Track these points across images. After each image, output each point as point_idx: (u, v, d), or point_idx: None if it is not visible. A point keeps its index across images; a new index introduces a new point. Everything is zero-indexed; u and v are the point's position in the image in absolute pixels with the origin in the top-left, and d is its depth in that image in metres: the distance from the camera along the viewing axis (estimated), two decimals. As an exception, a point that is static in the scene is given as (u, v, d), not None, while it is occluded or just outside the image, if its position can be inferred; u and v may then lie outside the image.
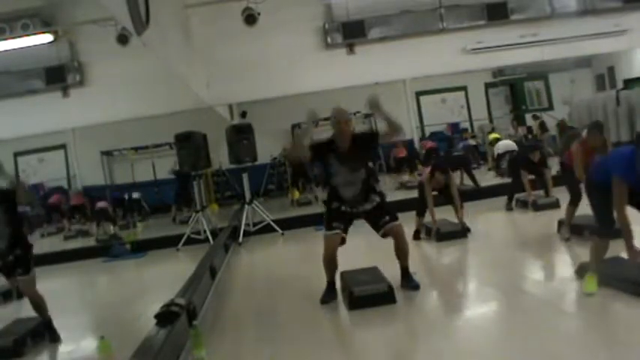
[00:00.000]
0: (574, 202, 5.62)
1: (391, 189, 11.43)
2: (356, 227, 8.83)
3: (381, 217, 4.55)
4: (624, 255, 4.34)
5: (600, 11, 11.08)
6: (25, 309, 4.95)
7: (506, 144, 11.47)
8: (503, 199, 8.38)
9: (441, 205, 6.80)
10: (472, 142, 14.55)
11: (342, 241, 4.57)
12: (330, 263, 4.54)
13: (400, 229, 4.56)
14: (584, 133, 5.99)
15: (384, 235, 4.58)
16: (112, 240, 10.02)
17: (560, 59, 13.22)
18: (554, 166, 7.99)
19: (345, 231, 4.59)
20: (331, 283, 4.60)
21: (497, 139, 12.46)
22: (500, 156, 11.32)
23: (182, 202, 11.99)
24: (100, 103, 10.41)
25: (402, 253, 4.61)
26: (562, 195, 7.78)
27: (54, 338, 4.52)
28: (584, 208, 6.35)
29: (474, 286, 4.90)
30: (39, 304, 4.50)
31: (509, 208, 8.17)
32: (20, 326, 4.60)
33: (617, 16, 10.97)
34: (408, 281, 4.60)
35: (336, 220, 4.56)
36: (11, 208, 4.42)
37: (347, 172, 4.53)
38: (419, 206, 6.78)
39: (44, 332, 4.54)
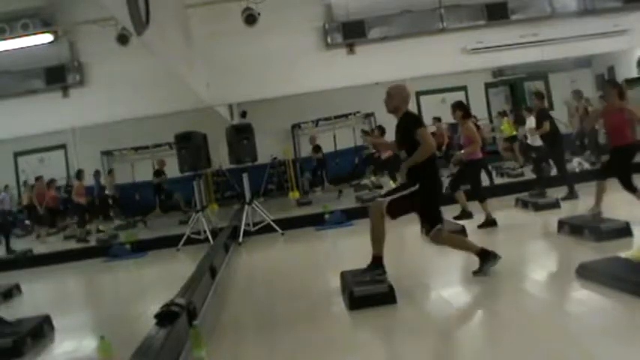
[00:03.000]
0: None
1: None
2: (356, 227, 8.86)
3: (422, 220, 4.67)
4: (624, 255, 4.35)
5: (600, 11, 11.08)
6: (25, 309, 4.95)
7: None
8: (504, 199, 8.36)
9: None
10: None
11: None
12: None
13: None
14: None
15: None
16: (111, 240, 10.03)
17: (560, 59, 13.21)
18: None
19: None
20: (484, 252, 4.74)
21: None
22: None
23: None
24: (100, 103, 10.41)
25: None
26: (561, 194, 7.81)
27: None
28: (583, 208, 6.38)
29: (474, 286, 4.90)
30: None
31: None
32: (20, 326, 4.60)
33: (617, 16, 10.97)
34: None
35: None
36: None
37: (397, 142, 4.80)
38: None
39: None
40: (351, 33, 11.01)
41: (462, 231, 6.54)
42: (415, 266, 6.01)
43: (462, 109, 7.08)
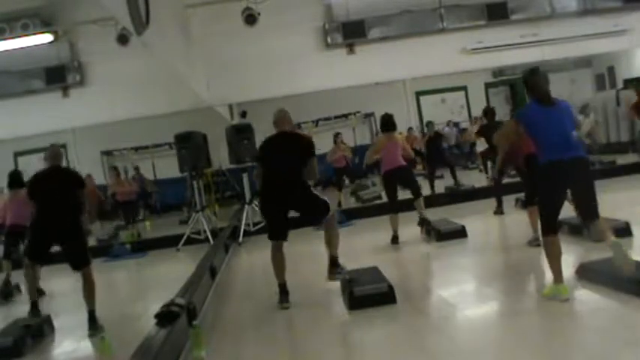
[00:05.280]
0: None
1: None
2: (355, 227, 8.86)
3: None
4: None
5: (600, 11, 11.07)
6: (25, 309, 4.95)
7: None
8: (504, 199, 8.33)
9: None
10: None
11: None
12: None
13: None
14: None
15: None
16: (111, 240, 10.03)
17: (560, 59, 13.22)
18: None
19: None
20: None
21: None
22: None
23: None
24: (100, 103, 10.41)
25: None
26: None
27: (94, 327, 4.62)
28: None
29: (473, 286, 4.90)
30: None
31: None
32: (20, 326, 4.60)
33: (617, 16, 10.97)
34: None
35: None
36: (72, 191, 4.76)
37: None
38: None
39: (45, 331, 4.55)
40: (351, 33, 11.00)
41: (462, 231, 6.55)
42: (415, 266, 6.02)
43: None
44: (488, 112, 8.19)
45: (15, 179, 6.64)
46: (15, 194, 6.52)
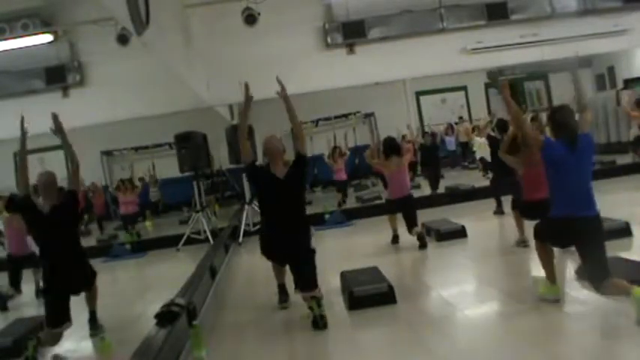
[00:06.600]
0: None
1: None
2: (356, 227, 8.85)
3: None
4: (624, 255, 4.36)
5: (600, 11, 11.08)
6: (25, 309, 4.96)
7: None
8: (505, 199, 8.34)
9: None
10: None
11: None
12: None
13: None
14: None
15: None
16: (111, 240, 10.03)
17: (560, 59, 13.21)
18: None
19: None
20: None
21: None
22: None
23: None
24: (100, 103, 10.41)
25: None
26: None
27: (95, 327, 4.65)
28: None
29: (473, 286, 4.91)
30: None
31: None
32: (20, 326, 4.59)
33: (617, 16, 10.97)
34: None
35: None
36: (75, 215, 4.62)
37: None
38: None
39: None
40: (351, 33, 11.00)
41: (462, 231, 6.56)
42: (415, 266, 6.02)
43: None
44: (502, 126, 7.09)
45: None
46: (12, 219, 6.51)
